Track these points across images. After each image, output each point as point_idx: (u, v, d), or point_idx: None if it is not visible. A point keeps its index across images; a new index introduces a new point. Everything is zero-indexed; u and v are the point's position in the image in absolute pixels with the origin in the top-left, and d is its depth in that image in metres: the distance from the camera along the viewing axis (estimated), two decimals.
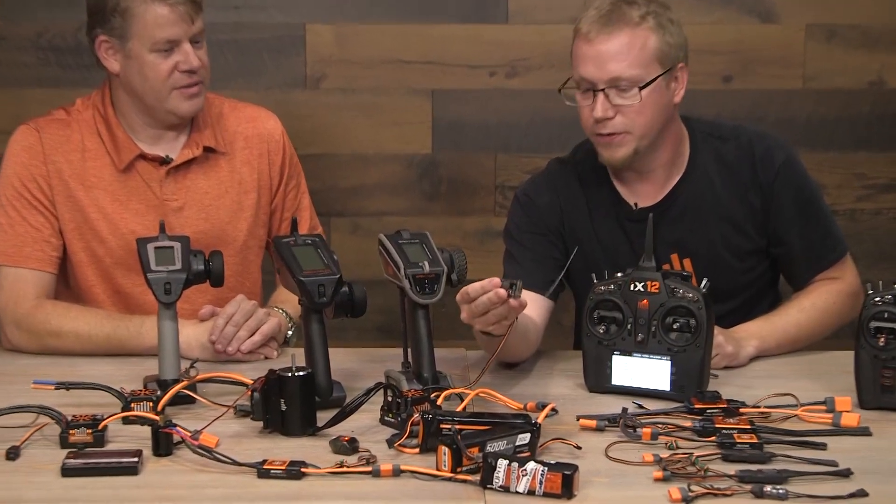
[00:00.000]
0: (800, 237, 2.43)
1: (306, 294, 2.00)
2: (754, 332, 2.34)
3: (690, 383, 2.06)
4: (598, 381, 2.14)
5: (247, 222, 2.58)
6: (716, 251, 2.43)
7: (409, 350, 2.11)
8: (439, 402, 1.94)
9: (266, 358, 2.36)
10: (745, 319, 2.39)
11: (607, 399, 2.10)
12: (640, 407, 2.03)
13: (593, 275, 2.15)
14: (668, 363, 2.07)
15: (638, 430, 1.88)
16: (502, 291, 1.90)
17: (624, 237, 2.42)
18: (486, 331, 2.01)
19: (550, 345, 2.43)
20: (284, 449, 1.84)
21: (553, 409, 1.92)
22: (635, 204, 2.41)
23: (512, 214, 2.50)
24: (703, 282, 2.10)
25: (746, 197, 2.42)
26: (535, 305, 2.32)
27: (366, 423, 1.93)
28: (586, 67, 2.30)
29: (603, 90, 2.29)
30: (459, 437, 1.74)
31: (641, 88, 2.28)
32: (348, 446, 1.81)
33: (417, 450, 1.82)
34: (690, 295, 2.06)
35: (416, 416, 1.84)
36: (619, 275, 2.12)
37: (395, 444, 1.84)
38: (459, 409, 1.94)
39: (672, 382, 2.07)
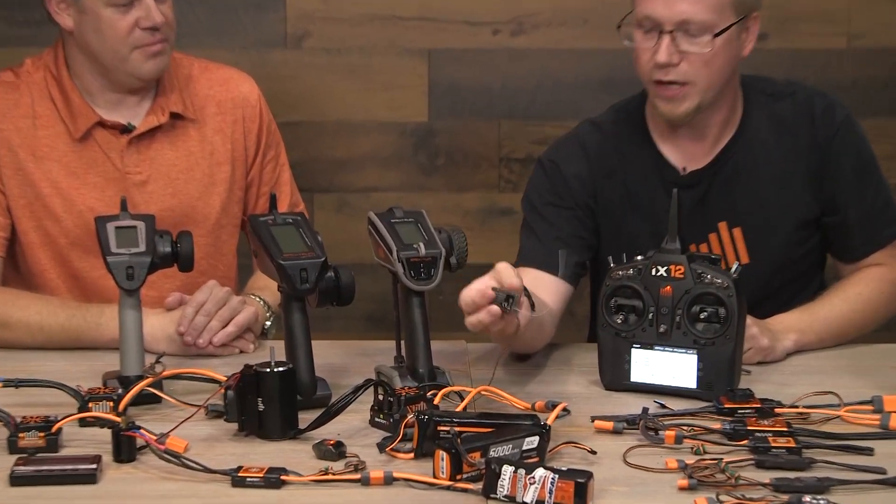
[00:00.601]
0: (857, 204, 2.44)
1: (287, 280, 2.00)
2: (793, 324, 2.34)
3: (720, 380, 2.06)
4: (615, 377, 2.14)
5: (219, 198, 2.58)
6: (768, 219, 2.44)
7: (402, 342, 2.12)
8: (436, 401, 1.94)
9: (241, 352, 2.36)
10: (789, 304, 2.40)
11: (626, 398, 2.10)
12: (663, 407, 2.03)
13: (609, 258, 2.14)
14: (695, 357, 2.07)
15: (660, 432, 1.88)
16: (495, 308, 1.90)
17: None
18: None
19: (562, 337, 2.42)
20: (262, 454, 1.84)
21: (565, 409, 1.93)
22: (684, 168, 2.41)
23: (534, 181, 2.49)
24: (735, 265, 2.10)
25: (802, 158, 2.43)
26: (550, 289, 2.32)
27: (354, 425, 1.93)
28: (653, 4, 2.30)
29: (671, 32, 2.29)
30: (459, 440, 1.73)
31: (716, 36, 2.28)
32: (334, 451, 1.81)
33: (412, 455, 1.82)
34: (719, 280, 2.06)
35: (411, 416, 1.84)
36: (638, 258, 2.11)
37: (387, 449, 1.83)
38: (459, 408, 1.95)
39: (699, 379, 2.07)
